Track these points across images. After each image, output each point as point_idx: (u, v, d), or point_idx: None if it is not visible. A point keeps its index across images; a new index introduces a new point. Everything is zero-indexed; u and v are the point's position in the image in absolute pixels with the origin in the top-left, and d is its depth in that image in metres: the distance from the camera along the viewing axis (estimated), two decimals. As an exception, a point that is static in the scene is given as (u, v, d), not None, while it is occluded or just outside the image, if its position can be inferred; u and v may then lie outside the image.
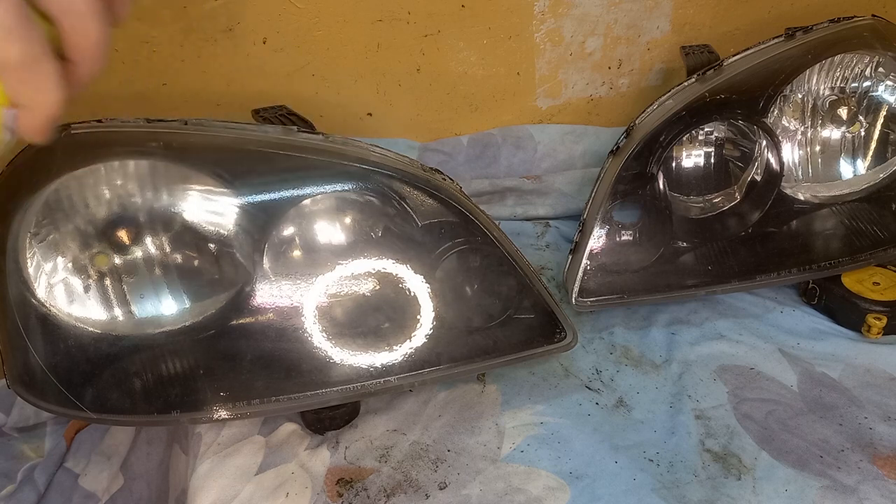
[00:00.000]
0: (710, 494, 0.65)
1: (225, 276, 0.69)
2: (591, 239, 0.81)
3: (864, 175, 0.88)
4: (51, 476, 0.86)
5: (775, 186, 0.85)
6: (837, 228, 0.87)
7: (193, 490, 0.68)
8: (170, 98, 0.90)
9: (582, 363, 0.80)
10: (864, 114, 0.87)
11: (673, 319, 0.86)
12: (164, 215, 0.67)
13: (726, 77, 0.81)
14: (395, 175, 0.67)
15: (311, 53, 0.93)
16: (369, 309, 0.72)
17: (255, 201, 0.65)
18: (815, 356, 0.80)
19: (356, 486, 0.67)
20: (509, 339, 0.74)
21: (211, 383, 0.68)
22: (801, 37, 0.83)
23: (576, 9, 1.00)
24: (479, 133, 1.07)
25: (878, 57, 0.83)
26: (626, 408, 0.75)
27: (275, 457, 0.70)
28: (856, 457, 0.67)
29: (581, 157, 1.09)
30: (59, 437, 0.89)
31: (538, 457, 0.68)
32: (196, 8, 0.86)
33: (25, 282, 0.63)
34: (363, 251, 0.70)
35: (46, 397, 0.66)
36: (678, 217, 0.85)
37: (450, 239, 0.69)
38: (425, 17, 0.95)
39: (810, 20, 0.84)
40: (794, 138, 0.87)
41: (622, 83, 1.09)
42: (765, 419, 0.72)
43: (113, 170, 0.64)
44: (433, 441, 0.71)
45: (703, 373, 0.78)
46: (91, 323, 0.67)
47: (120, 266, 0.67)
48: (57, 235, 0.65)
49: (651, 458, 0.69)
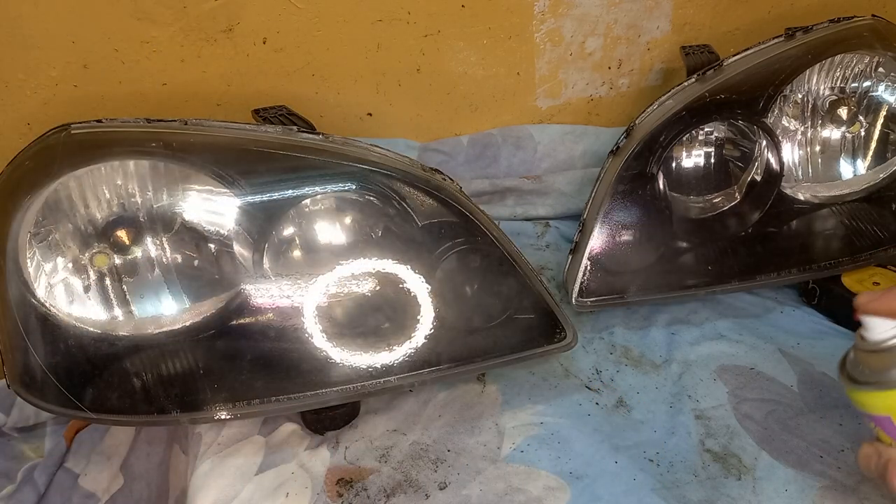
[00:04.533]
0: (710, 494, 0.65)
1: (225, 276, 0.69)
2: (591, 239, 0.81)
3: (864, 175, 0.88)
4: (51, 476, 0.86)
5: (775, 186, 0.85)
6: (837, 228, 0.87)
7: (193, 490, 0.68)
8: (170, 98, 0.90)
9: (582, 363, 0.80)
10: (864, 114, 0.87)
11: (673, 319, 0.86)
12: (164, 215, 0.67)
13: (726, 77, 0.81)
14: (395, 175, 0.67)
15: (311, 53, 0.93)
16: (369, 309, 0.72)
17: (255, 201, 0.65)
18: (815, 356, 0.80)
19: (356, 486, 0.67)
20: (509, 339, 0.74)
21: (211, 383, 0.68)
22: (801, 37, 0.83)
23: (576, 9, 1.00)
24: (479, 133, 1.07)
25: (878, 57, 0.83)
26: (626, 408, 0.75)
27: (275, 457, 0.70)
28: (856, 457, 0.67)
29: (581, 157, 1.09)
30: (59, 437, 0.89)
31: (538, 457, 0.68)
32: (196, 8, 0.86)
33: (25, 282, 0.63)
34: (363, 251, 0.70)
35: (46, 397, 0.66)
36: (678, 217, 0.85)
37: (450, 239, 0.69)
38: (425, 17, 0.95)
39: (810, 20, 0.84)
40: (794, 138, 0.87)
41: (622, 83, 1.09)
42: (765, 419, 0.72)
43: (113, 170, 0.64)
44: (433, 441, 0.71)
45: (703, 373, 0.78)
46: (91, 323, 0.67)
47: (120, 266, 0.67)
48: (57, 235, 0.65)
49: (651, 458, 0.69)
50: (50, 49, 0.83)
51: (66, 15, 0.82)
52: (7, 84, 0.84)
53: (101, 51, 0.85)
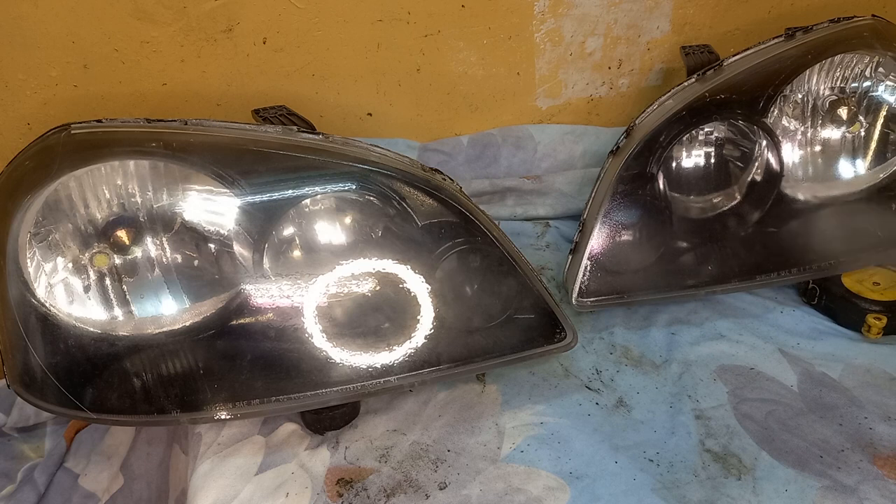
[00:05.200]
0: (710, 494, 0.65)
1: (225, 276, 0.69)
2: (591, 239, 0.81)
3: (864, 175, 0.88)
4: (51, 476, 0.86)
5: (775, 186, 0.85)
6: (837, 228, 0.87)
7: (193, 490, 0.68)
8: (170, 98, 0.90)
9: (582, 363, 0.80)
10: (864, 114, 0.87)
11: (673, 319, 0.86)
12: (164, 215, 0.67)
13: (726, 77, 0.81)
14: (395, 175, 0.67)
15: (311, 53, 0.93)
16: (369, 309, 0.72)
17: (255, 201, 0.65)
18: (815, 356, 0.80)
19: (356, 486, 0.67)
20: (509, 339, 0.74)
21: (211, 383, 0.68)
22: (801, 37, 0.83)
23: (576, 9, 1.00)
24: (479, 133, 1.07)
25: (878, 57, 0.83)
26: (626, 408, 0.75)
27: (275, 457, 0.70)
28: (856, 457, 0.67)
29: (581, 157, 1.09)
30: (59, 437, 0.89)
31: (538, 457, 0.68)
32: (196, 8, 0.86)
33: (25, 282, 0.63)
34: (363, 251, 0.70)
35: (46, 397, 0.66)
36: (678, 217, 0.85)
37: (450, 239, 0.69)
38: (425, 17, 0.95)
39: (810, 20, 0.84)
40: (794, 138, 0.87)
41: (622, 83, 1.09)
42: (765, 419, 0.72)
43: (113, 170, 0.64)
44: (433, 441, 0.71)
45: (703, 373, 0.78)
46: (91, 323, 0.67)
47: (120, 266, 0.67)
48: (57, 235, 0.65)
49: (651, 458, 0.69)
50: (50, 49, 0.83)
51: (66, 15, 0.82)
52: (7, 84, 0.84)
53: (101, 51, 0.85)
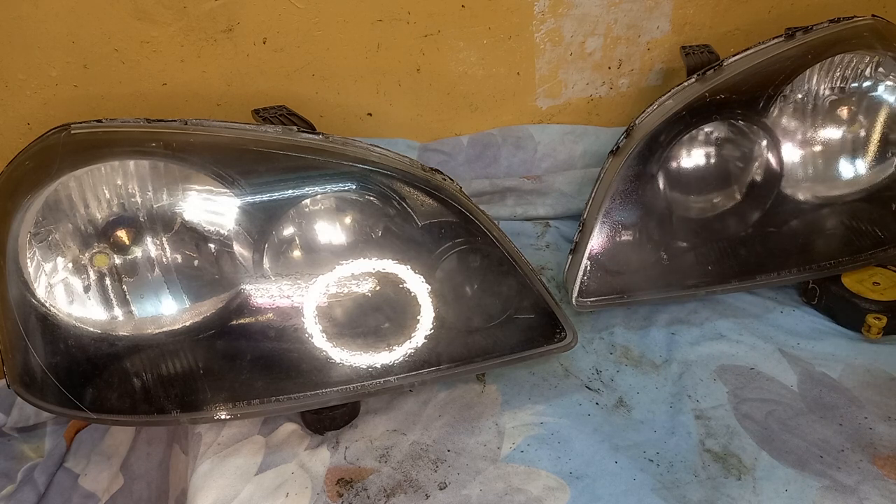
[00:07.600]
0: (710, 494, 0.65)
1: (225, 276, 0.69)
2: (591, 239, 0.81)
3: (864, 175, 0.88)
4: (51, 476, 0.86)
5: (775, 186, 0.85)
6: (837, 228, 0.87)
7: (193, 490, 0.68)
8: (170, 98, 0.90)
9: (582, 363, 0.80)
10: (864, 114, 0.87)
11: (673, 319, 0.86)
12: (164, 215, 0.67)
13: (726, 77, 0.81)
14: (395, 175, 0.67)
15: (311, 53, 0.93)
16: (369, 309, 0.72)
17: (255, 201, 0.65)
18: (815, 356, 0.80)
19: (356, 486, 0.67)
20: (509, 339, 0.74)
21: (211, 383, 0.68)
22: (801, 37, 0.83)
23: (576, 9, 1.00)
24: (479, 133, 1.07)
25: (878, 57, 0.83)
26: (626, 408, 0.75)
27: (275, 457, 0.70)
28: (856, 457, 0.67)
29: (581, 157, 1.09)
30: (59, 437, 0.89)
31: (538, 457, 0.68)
32: (196, 8, 0.86)
33: (25, 282, 0.63)
34: (363, 251, 0.70)
35: (46, 397, 0.66)
36: (678, 217, 0.85)
37: (450, 239, 0.69)
38: (425, 17, 0.95)
39: (810, 20, 0.84)
40: (794, 138, 0.87)
41: (622, 83, 1.09)
42: (765, 419, 0.72)
43: (113, 170, 0.64)
44: (433, 441, 0.71)
45: (703, 373, 0.78)
46: (91, 323, 0.67)
47: (120, 266, 0.67)
48: (57, 235, 0.65)
49: (651, 458, 0.69)
50: (50, 49, 0.83)
51: (66, 15, 0.82)
52: (7, 84, 0.84)
53: (101, 51, 0.85)
